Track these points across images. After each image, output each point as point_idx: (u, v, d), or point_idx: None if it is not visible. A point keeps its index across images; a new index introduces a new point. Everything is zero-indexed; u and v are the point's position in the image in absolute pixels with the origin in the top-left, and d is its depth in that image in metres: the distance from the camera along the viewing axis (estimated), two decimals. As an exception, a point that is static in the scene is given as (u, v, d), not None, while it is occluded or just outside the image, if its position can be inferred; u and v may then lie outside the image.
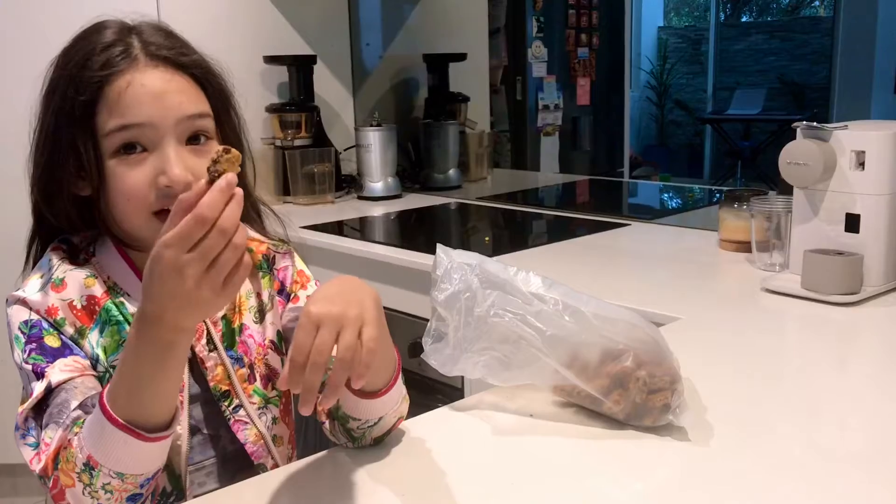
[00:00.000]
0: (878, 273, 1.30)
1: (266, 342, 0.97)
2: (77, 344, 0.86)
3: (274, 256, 1.02)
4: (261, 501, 0.78)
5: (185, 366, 0.85)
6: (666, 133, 7.85)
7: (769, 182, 5.01)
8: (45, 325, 0.85)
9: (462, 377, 1.50)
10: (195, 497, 0.84)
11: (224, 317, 0.94)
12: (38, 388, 0.81)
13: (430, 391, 1.62)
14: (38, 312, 0.85)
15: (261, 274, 0.99)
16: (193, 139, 0.87)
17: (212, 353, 0.92)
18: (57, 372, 0.82)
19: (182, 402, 0.88)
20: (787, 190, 1.40)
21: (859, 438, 0.87)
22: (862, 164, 1.29)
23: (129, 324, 0.87)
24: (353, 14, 2.66)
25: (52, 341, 0.84)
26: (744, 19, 7.75)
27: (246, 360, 0.94)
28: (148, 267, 0.67)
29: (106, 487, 0.74)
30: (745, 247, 1.56)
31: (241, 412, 0.93)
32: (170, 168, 0.83)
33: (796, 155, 1.32)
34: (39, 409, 0.82)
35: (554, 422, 0.90)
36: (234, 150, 0.70)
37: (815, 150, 1.30)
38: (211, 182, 0.67)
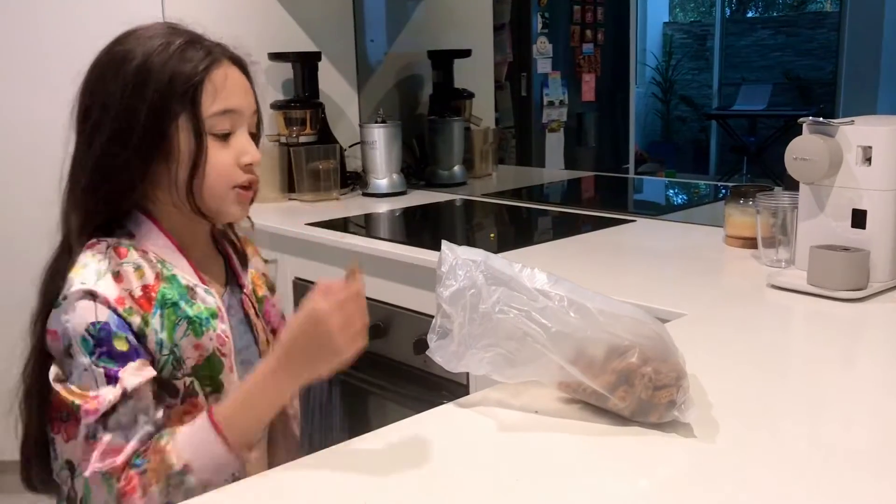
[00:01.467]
0: (885, 269, 1.29)
1: (279, 314, 1.15)
2: (143, 333, 0.93)
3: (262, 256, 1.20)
4: (265, 497, 0.78)
5: None
6: (671, 129, 7.83)
7: (775, 178, 4.99)
8: (112, 326, 0.91)
9: (467, 374, 1.50)
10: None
11: (253, 290, 1.11)
12: (113, 392, 0.89)
13: (435, 388, 1.63)
14: (106, 303, 0.91)
15: (262, 260, 1.18)
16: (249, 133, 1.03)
17: (258, 320, 1.09)
18: (129, 377, 0.90)
19: (233, 365, 1.02)
20: (793, 185, 1.39)
21: (865, 435, 0.87)
22: (868, 160, 1.28)
23: (182, 302, 0.97)
24: (357, 11, 2.65)
25: (120, 345, 0.91)
26: (749, 14, 7.72)
27: (271, 325, 1.12)
28: (309, 330, 0.87)
29: (188, 491, 0.88)
30: (750, 243, 1.56)
31: None
32: (251, 149, 1.01)
33: (802, 150, 1.31)
34: (105, 412, 0.89)
35: (559, 418, 0.90)
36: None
37: (821, 145, 1.29)
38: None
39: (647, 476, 0.79)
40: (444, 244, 0.94)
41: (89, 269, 0.93)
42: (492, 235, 2.10)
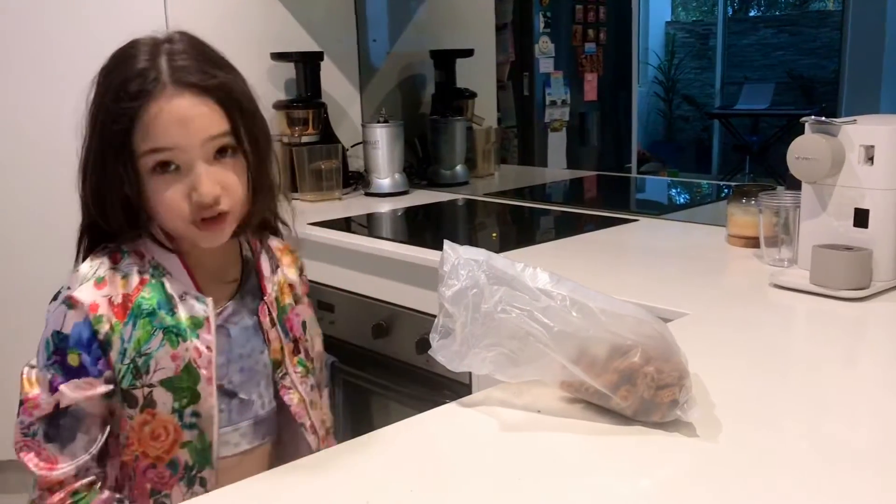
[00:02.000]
0: (887, 268, 1.29)
1: (301, 325, 1.14)
2: (109, 341, 0.96)
3: (301, 265, 1.19)
4: (269, 497, 0.78)
5: None
6: (674, 128, 7.83)
7: (777, 177, 4.99)
8: (71, 341, 0.96)
9: (469, 373, 1.50)
10: (226, 458, 1.03)
11: (276, 297, 1.10)
12: (48, 401, 0.96)
13: (438, 387, 1.63)
14: (79, 313, 0.95)
15: (296, 272, 1.16)
16: (220, 152, 0.97)
17: (273, 329, 1.08)
18: (68, 393, 0.95)
19: (212, 377, 1.01)
20: (795, 185, 1.39)
21: (868, 434, 0.87)
22: (871, 159, 1.28)
23: (161, 311, 0.98)
24: (359, 10, 2.65)
25: (72, 360, 0.96)
26: (752, 13, 7.72)
27: (292, 335, 1.11)
28: None
29: None
30: (753, 242, 1.56)
31: (287, 379, 1.09)
32: (199, 185, 0.95)
33: (805, 150, 1.31)
34: (47, 417, 0.96)
35: (561, 418, 0.90)
36: None
37: (823, 144, 1.29)
38: None
39: (649, 475, 0.79)
40: (447, 244, 0.94)
41: (79, 274, 0.99)
42: (494, 235, 2.10)
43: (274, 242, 1.16)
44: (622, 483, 0.77)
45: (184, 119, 0.94)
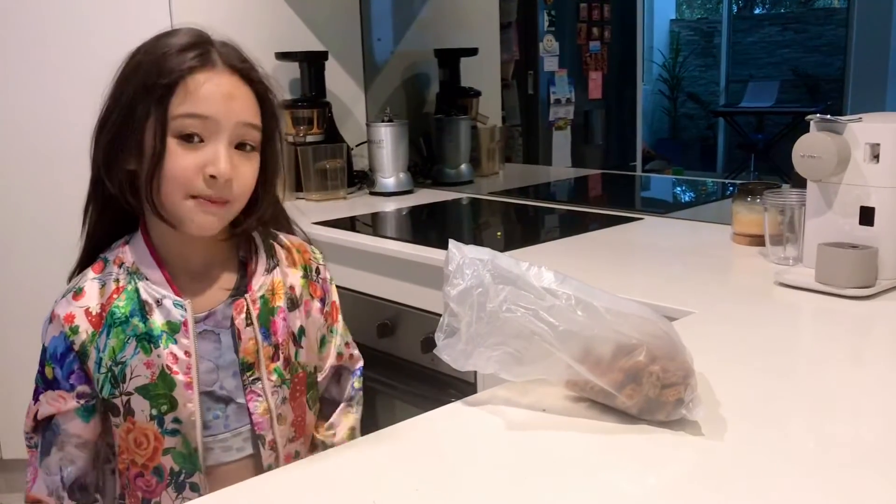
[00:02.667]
0: (893, 266, 1.29)
1: (289, 331, 1.06)
2: (85, 352, 0.97)
3: (317, 267, 1.14)
4: (272, 495, 0.79)
5: None
6: (678, 126, 7.82)
7: (783, 175, 4.98)
8: (47, 355, 0.99)
9: (475, 372, 1.51)
10: (230, 463, 1.01)
11: (262, 296, 1.03)
12: (31, 409, 1.01)
13: (443, 386, 1.63)
14: (57, 326, 0.98)
15: (300, 274, 1.10)
16: (240, 146, 0.97)
17: (248, 328, 1.02)
18: (44, 405, 0.99)
19: (192, 382, 0.98)
20: (800, 183, 1.39)
21: (874, 433, 0.87)
22: (876, 157, 1.28)
23: (135, 318, 0.97)
24: (364, 9, 2.65)
25: (48, 372, 0.99)
26: (757, 11, 7.70)
27: (273, 339, 1.03)
28: None
29: None
30: (758, 240, 1.56)
31: (258, 385, 1.02)
32: (218, 162, 0.94)
33: (810, 148, 1.31)
34: (35, 430, 1.01)
35: (567, 416, 0.90)
36: None
37: (828, 142, 1.29)
38: None
39: (655, 474, 0.79)
40: (452, 243, 0.94)
41: (67, 287, 1.01)
42: (499, 234, 2.11)
43: (285, 241, 1.11)
44: (627, 482, 0.77)
45: (229, 95, 0.95)
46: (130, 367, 0.96)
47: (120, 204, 1.00)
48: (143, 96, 0.94)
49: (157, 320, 0.97)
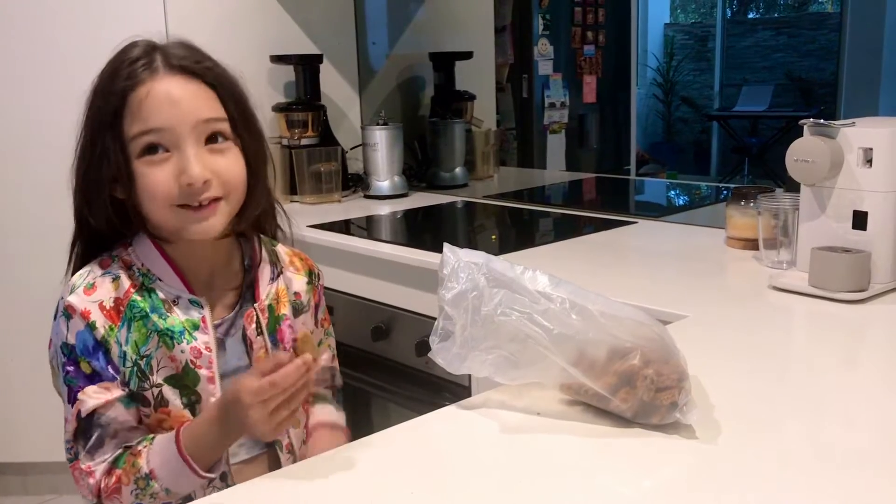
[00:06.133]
0: (886, 270, 1.30)
1: (293, 337, 1.08)
2: (106, 343, 0.96)
3: (318, 272, 1.16)
4: (269, 499, 0.79)
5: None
6: (673, 130, 7.83)
7: (777, 179, 4.99)
8: (77, 351, 0.96)
9: (469, 375, 1.50)
10: (239, 462, 1.03)
11: (269, 305, 1.06)
12: (72, 413, 0.96)
13: (438, 389, 1.63)
14: (79, 320, 0.96)
15: (306, 280, 1.13)
16: (211, 139, 0.96)
17: (259, 337, 1.04)
18: (87, 400, 0.96)
19: (213, 377, 1.01)
20: (794, 187, 1.40)
21: (867, 436, 0.87)
22: (869, 161, 1.29)
23: (154, 315, 0.98)
24: (359, 13, 2.66)
25: (84, 367, 0.96)
26: (751, 15, 7.72)
27: (281, 346, 1.06)
28: (230, 399, 0.90)
29: (153, 494, 0.95)
30: (752, 244, 1.56)
31: None
32: (189, 167, 0.93)
33: (803, 152, 1.31)
34: (78, 433, 0.97)
35: (561, 420, 0.90)
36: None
37: (822, 146, 1.29)
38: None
39: (649, 477, 0.79)
40: (446, 247, 0.94)
41: (70, 284, 0.99)
42: (493, 237, 2.11)
43: (284, 248, 1.14)
44: (622, 485, 0.77)
45: (173, 99, 0.93)
46: (156, 359, 0.97)
47: (106, 236, 1.01)
48: (98, 129, 0.95)
49: (177, 317, 0.99)
